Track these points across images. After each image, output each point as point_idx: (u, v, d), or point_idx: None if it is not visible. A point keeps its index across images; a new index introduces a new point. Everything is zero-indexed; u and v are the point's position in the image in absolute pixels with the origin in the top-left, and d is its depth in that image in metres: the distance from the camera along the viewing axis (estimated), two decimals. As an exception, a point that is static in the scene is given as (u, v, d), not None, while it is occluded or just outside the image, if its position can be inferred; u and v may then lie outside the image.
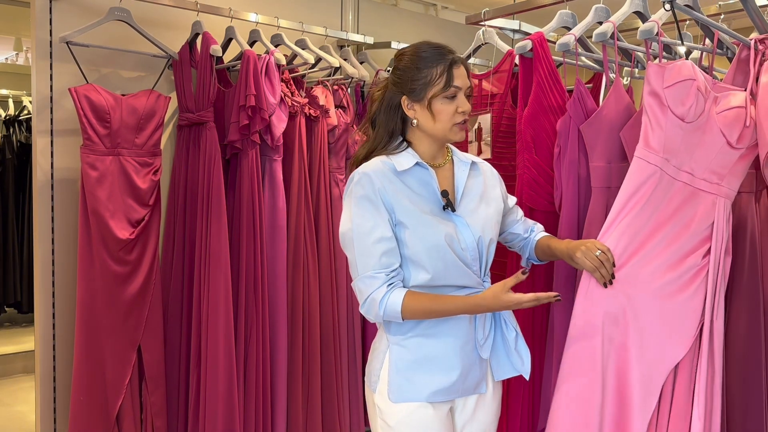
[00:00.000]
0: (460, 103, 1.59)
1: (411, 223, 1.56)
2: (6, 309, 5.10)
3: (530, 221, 1.85)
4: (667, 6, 1.70)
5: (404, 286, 1.56)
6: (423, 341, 1.59)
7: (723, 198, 1.64)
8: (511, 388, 2.07)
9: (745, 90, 1.67)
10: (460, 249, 1.58)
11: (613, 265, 1.59)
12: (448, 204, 1.59)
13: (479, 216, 1.64)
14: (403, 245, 1.56)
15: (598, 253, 1.57)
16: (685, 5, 1.74)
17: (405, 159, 1.62)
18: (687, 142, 1.59)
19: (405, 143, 1.65)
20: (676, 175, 1.60)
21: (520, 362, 1.66)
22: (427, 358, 1.58)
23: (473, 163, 1.72)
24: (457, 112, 1.59)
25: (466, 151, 2.10)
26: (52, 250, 2.57)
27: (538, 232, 1.83)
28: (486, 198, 1.68)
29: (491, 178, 1.75)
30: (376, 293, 1.52)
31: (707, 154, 1.60)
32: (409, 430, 1.58)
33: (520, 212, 1.84)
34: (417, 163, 1.62)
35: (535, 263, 1.86)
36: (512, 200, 1.82)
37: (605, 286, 1.59)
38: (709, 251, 1.62)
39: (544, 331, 2.09)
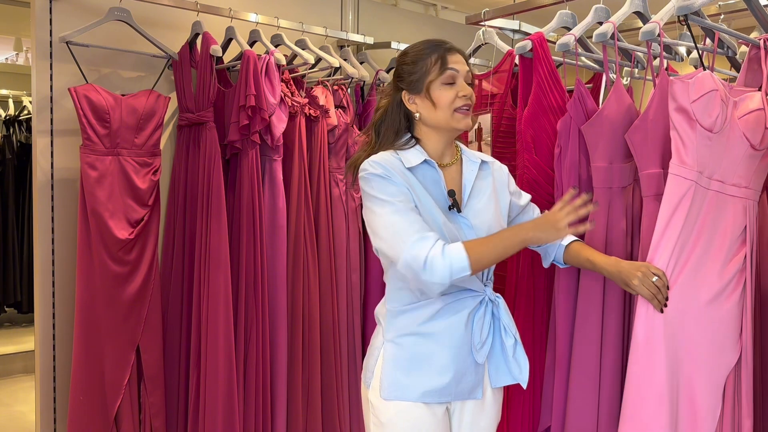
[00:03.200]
0: (460, 87, 1.58)
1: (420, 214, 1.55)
2: (6, 309, 5.10)
3: None
4: (681, 20, 1.70)
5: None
6: (417, 340, 1.58)
7: (751, 201, 1.65)
8: (511, 388, 2.07)
9: (759, 90, 1.68)
10: None
11: (668, 288, 1.58)
12: (454, 204, 1.58)
13: (485, 218, 1.62)
14: None
15: (654, 279, 1.55)
16: (692, 13, 1.74)
17: (413, 155, 1.60)
18: (715, 152, 1.60)
19: (413, 140, 1.65)
20: (708, 185, 1.61)
21: (518, 370, 1.63)
22: (420, 357, 1.57)
23: (483, 162, 1.70)
24: (457, 96, 1.57)
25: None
26: (52, 250, 2.57)
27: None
28: (494, 199, 1.67)
29: (501, 177, 1.73)
30: (433, 250, 1.45)
31: (733, 160, 1.61)
32: (400, 428, 1.57)
33: (536, 210, 1.81)
34: (425, 161, 1.61)
35: (559, 266, 1.85)
36: (525, 198, 1.79)
37: (661, 311, 1.58)
38: (746, 254, 1.64)
39: (544, 333, 2.08)
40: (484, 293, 1.61)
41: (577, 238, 1.81)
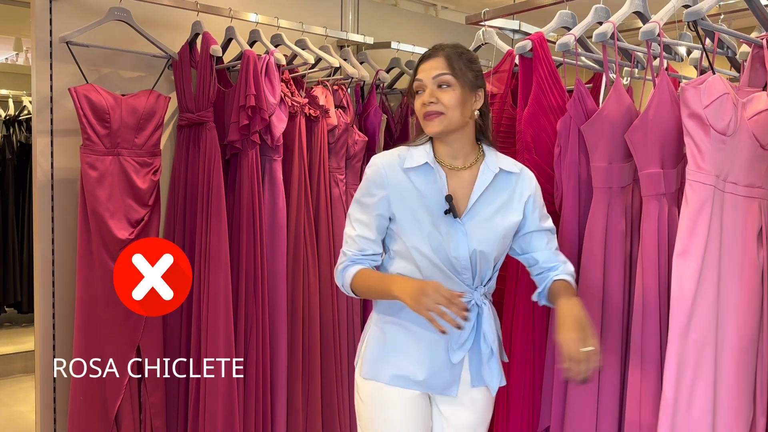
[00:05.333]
0: (425, 94, 1.60)
1: (403, 218, 1.59)
2: (6, 309, 5.10)
3: (561, 256, 1.70)
4: (691, 26, 1.71)
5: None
6: (398, 329, 1.64)
7: (765, 200, 1.67)
8: (511, 388, 2.07)
9: (764, 89, 1.68)
10: (450, 256, 1.57)
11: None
12: (451, 209, 1.57)
13: (487, 228, 1.60)
14: (392, 239, 1.63)
15: (586, 349, 1.42)
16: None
17: (418, 155, 1.63)
18: (728, 154, 1.60)
19: (425, 137, 1.66)
20: (723, 188, 1.62)
21: (489, 376, 1.66)
22: (397, 345, 1.63)
23: (503, 171, 1.64)
24: (422, 104, 1.60)
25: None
26: (52, 250, 2.57)
27: (560, 272, 1.67)
28: (505, 211, 1.63)
29: (525, 189, 1.66)
30: (340, 265, 1.65)
31: (745, 161, 1.62)
32: (376, 407, 1.64)
33: (552, 242, 1.70)
34: (426, 163, 1.62)
35: (545, 303, 1.70)
36: (546, 223, 1.69)
37: (583, 382, 1.43)
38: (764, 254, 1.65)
39: (544, 333, 2.08)
40: (472, 296, 1.62)
41: (567, 278, 1.66)
